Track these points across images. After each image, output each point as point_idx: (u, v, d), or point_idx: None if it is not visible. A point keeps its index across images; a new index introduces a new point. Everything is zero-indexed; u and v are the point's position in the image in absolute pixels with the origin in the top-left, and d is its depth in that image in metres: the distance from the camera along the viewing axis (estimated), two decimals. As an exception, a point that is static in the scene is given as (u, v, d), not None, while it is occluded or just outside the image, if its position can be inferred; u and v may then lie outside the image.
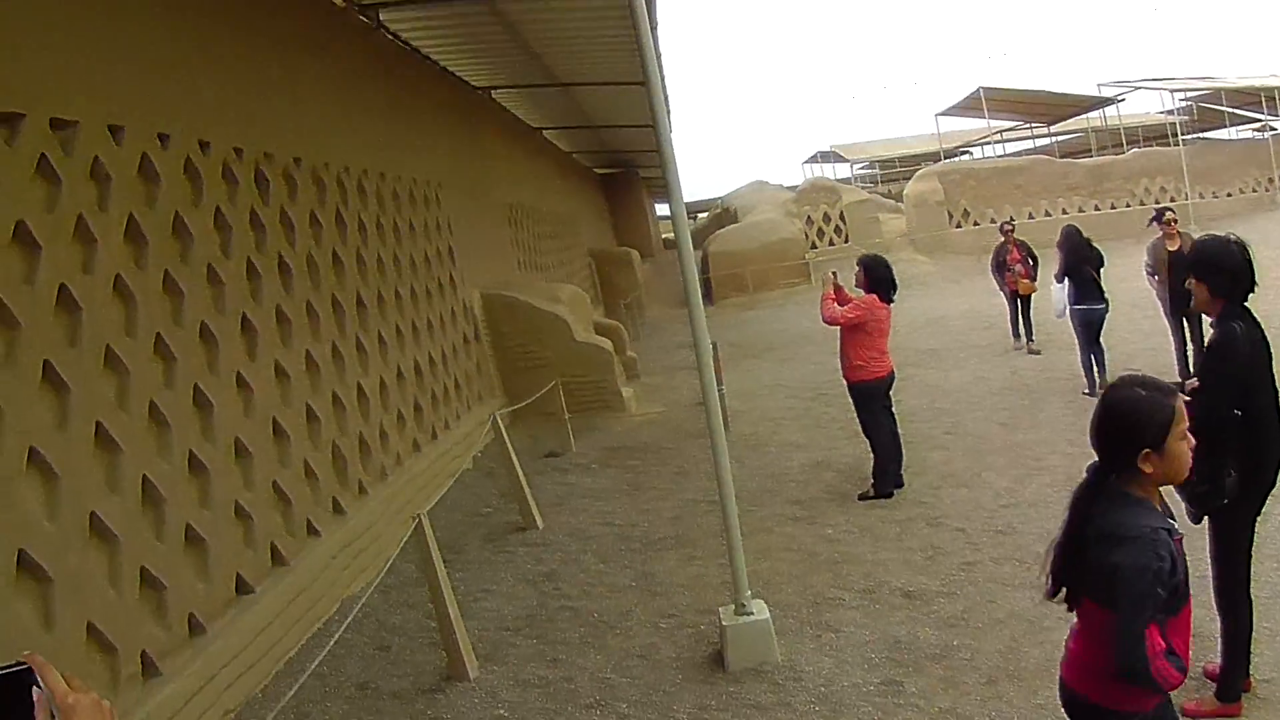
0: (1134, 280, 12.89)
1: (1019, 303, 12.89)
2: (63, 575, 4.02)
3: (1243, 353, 3.80)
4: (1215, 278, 3.92)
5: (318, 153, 7.67)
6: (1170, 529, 2.41)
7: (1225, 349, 3.85)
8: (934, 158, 36.25)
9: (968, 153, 44.26)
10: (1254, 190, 31.25)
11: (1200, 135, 38.48)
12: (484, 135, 14.35)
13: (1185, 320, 9.57)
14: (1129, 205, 28.02)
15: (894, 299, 7.49)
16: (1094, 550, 2.45)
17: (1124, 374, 2.62)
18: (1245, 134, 39.82)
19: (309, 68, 7.86)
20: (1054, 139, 41.50)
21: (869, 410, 7.55)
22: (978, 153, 44.01)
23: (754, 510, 7.37)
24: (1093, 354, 9.93)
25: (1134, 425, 2.43)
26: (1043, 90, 33.35)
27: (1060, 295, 10.21)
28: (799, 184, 37.21)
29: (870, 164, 51.12)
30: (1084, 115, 36.31)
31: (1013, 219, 14.41)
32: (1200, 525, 3.88)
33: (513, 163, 16.18)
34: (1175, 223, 9.73)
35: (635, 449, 10.28)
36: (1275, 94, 31.86)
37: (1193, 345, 9.46)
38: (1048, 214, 27.19)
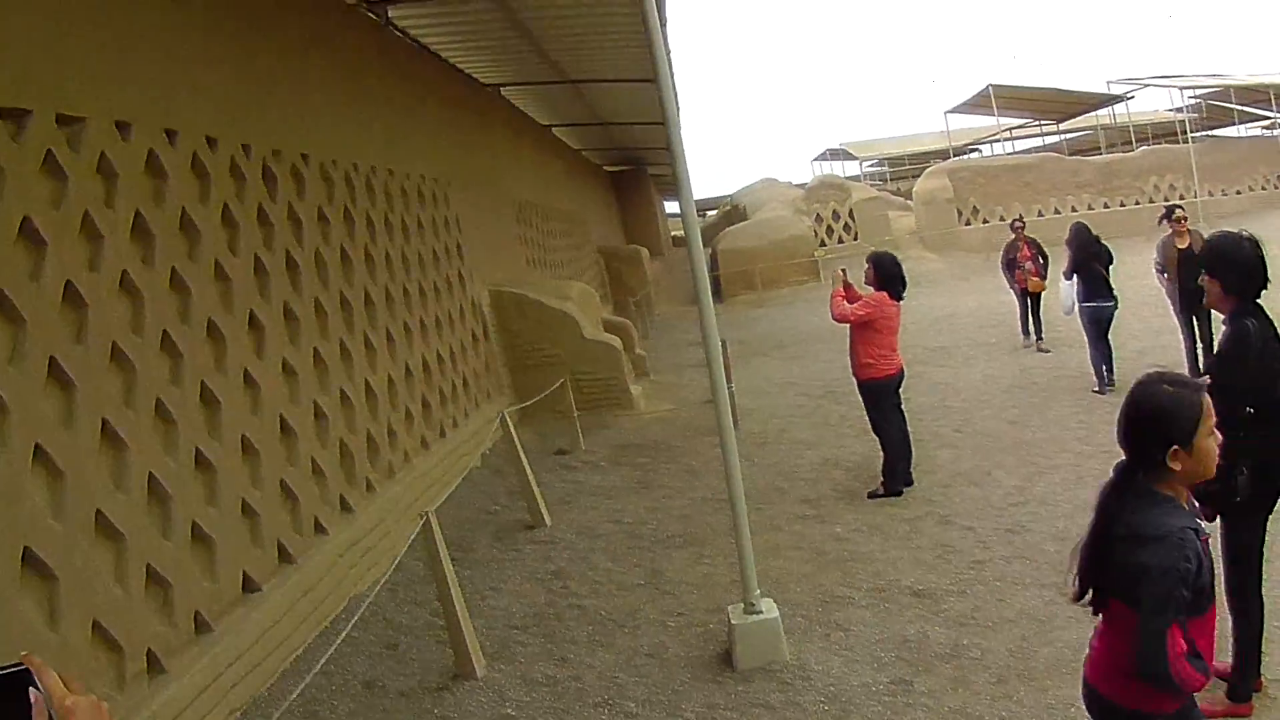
0: (1143, 278, 12.85)
1: (1029, 301, 12.83)
2: (68, 573, 4.01)
3: (1255, 350, 3.78)
4: (1228, 274, 3.90)
5: (326, 149, 7.66)
6: (1197, 529, 2.39)
7: (1238, 346, 3.83)
8: (943, 155, 36.23)
9: (977, 150, 44.23)
10: (1263, 188, 31.09)
11: (1209, 133, 38.33)
12: (493, 132, 14.33)
13: (1195, 318, 9.55)
14: (1138, 203, 27.90)
15: (904, 296, 7.46)
16: (1120, 549, 2.42)
17: (1149, 371, 2.59)
18: (1254, 131, 39.68)
19: (317, 64, 7.85)
20: (1063, 137, 41.36)
21: (879, 408, 7.53)
22: (987, 150, 43.98)
23: (763, 508, 7.34)
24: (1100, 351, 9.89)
25: (1163, 422, 2.40)
26: (1052, 88, 33.20)
27: (1069, 292, 10.17)
28: (808, 181, 37.16)
29: (879, 161, 51.14)
30: (1093, 113, 36.21)
31: (1021, 216, 14.34)
32: (1212, 524, 3.85)
33: (522, 160, 16.16)
34: (1185, 220, 9.69)
35: (644, 447, 10.26)
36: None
37: (1202, 343, 9.44)
38: (1057, 212, 27.08)
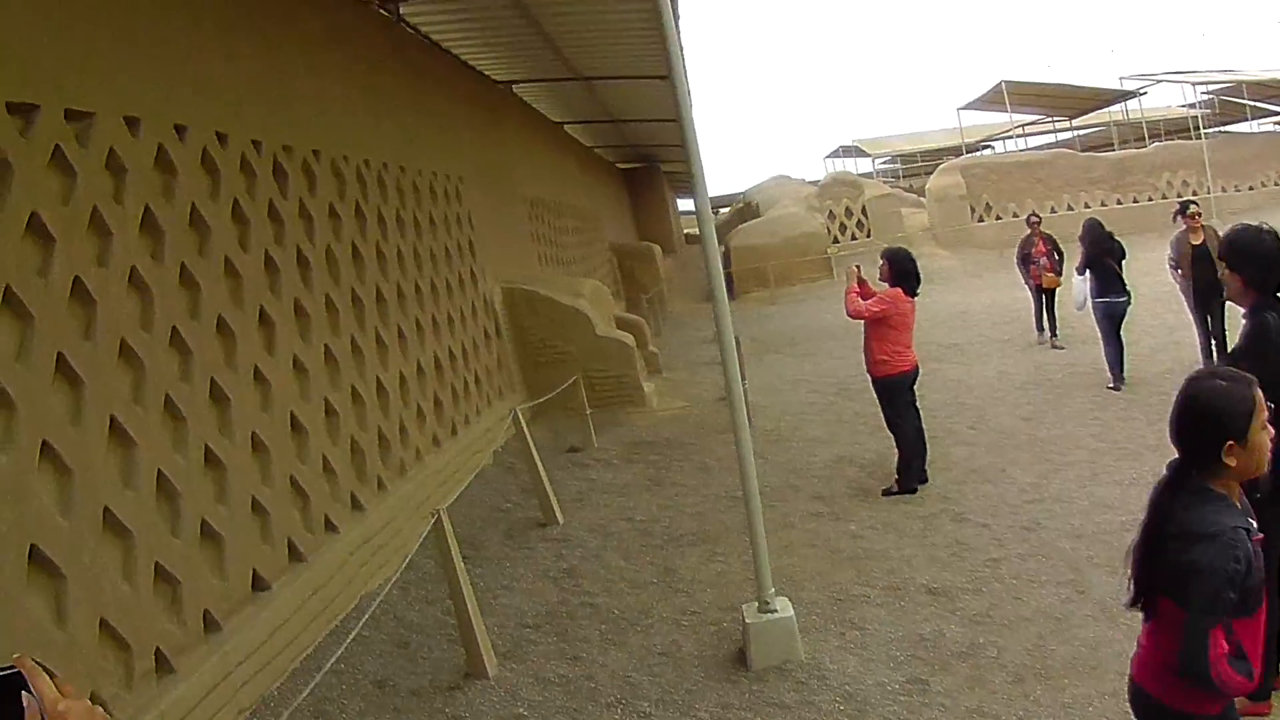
0: (1157, 274, 12.77)
1: (1043, 297, 12.74)
2: (76, 571, 3.99)
3: (1275, 344, 3.72)
4: (1249, 268, 3.86)
5: (337, 145, 7.63)
6: (1250, 528, 2.35)
7: (1258, 341, 3.78)
8: (956, 152, 36.01)
9: (990, 147, 44.00)
10: (1276, 183, 30.79)
11: (1222, 129, 38.06)
12: (505, 129, 14.30)
13: (1209, 314, 9.48)
14: (1151, 199, 27.68)
15: (918, 293, 7.40)
16: (1173, 547, 2.39)
17: (1198, 368, 2.56)
18: (1267, 127, 39.39)
19: (328, 60, 7.82)
20: (1076, 133, 41.11)
21: (893, 405, 7.48)
22: (1000, 147, 43.76)
23: (777, 506, 7.29)
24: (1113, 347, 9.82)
25: (1218, 417, 2.38)
26: (1064, 84, 32.99)
27: (1081, 287, 10.13)
28: (821, 178, 37.05)
29: (892, 158, 50.96)
30: (1106, 109, 35.98)
31: (1036, 212, 14.27)
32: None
33: (534, 157, 16.13)
34: (1199, 216, 9.63)
35: (657, 444, 10.21)
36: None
37: (1215, 340, 9.37)
38: (1070, 208, 26.89)
